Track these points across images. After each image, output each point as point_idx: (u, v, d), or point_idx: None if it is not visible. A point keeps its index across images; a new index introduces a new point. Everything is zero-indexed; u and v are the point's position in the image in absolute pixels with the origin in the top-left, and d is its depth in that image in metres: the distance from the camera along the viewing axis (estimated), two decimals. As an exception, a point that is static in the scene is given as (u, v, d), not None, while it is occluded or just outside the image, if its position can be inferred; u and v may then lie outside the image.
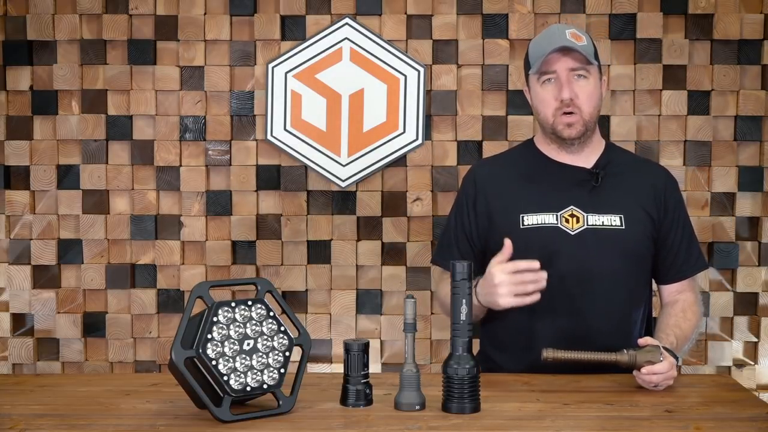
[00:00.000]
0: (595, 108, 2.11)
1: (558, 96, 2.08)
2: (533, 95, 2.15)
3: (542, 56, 2.07)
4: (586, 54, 2.06)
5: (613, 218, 2.09)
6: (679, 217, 2.16)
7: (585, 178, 2.13)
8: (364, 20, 2.96)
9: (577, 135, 2.10)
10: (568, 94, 2.06)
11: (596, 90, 2.11)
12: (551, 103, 2.09)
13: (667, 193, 2.15)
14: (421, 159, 2.98)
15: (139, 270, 3.02)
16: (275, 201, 3.00)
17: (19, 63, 2.99)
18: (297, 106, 2.97)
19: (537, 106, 2.15)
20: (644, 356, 1.85)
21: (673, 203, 2.15)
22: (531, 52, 2.13)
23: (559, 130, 2.11)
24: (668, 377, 1.86)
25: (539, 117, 2.15)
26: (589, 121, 2.10)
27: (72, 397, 1.89)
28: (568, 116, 2.08)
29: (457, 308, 1.73)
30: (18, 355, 3.00)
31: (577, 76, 2.07)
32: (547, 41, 2.09)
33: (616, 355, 1.87)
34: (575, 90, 2.07)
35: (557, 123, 2.10)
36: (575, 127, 2.09)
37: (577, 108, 2.08)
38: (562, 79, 2.07)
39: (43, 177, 3.00)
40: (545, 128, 2.15)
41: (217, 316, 1.69)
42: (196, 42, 2.97)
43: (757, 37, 2.92)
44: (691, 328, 2.11)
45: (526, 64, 2.17)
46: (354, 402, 1.77)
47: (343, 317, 3.01)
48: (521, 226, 2.10)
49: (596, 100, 2.11)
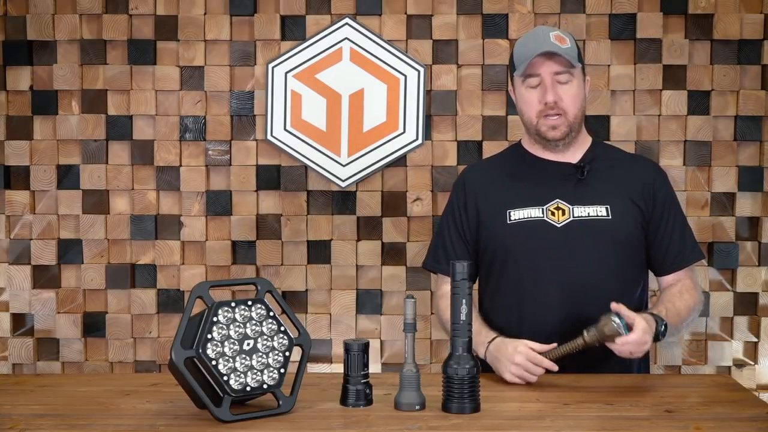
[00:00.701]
0: (580, 110, 2.14)
1: (542, 99, 2.10)
2: (518, 96, 2.17)
3: (526, 60, 2.08)
4: (569, 58, 2.08)
5: (599, 209, 2.11)
6: (669, 209, 2.16)
7: (571, 172, 2.15)
8: (364, 20, 2.96)
9: (562, 136, 2.13)
10: (552, 97, 2.09)
11: (580, 91, 2.13)
12: (535, 105, 2.12)
13: (656, 185, 2.16)
14: (421, 159, 2.98)
15: (139, 270, 3.02)
16: (275, 201, 3.00)
17: (19, 63, 2.99)
18: (297, 106, 2.97)
19: (521, 108, 2.17)
20: (603, 330, 1.87)
21: (662, 195, 2.16)
22: (516, 54, 2.15)
23: (543, 131, 2.13)
24: (640, 343, 1.88)
25: (523, 118, 2.17)
26: (574, 122, 2.13)
27: (72, 397, 1.90)
28: (553, 119, 2.10)
29: (457, 308, 1.73)
30: (18, 355, 3.00)
31: (561, 79, 2.09)
32: (531, 44, 2.10)
33: (581, 340, 1.90)
34: (559, 93, 2.09)
35: (541, 125, 2.12)
36: (560, 129, 2.12)
37: (562, 110, 2.10)
38: (547, 83, 2.09)
39: (43, 177, 3.00)
40: (529, 129, 2.17)
41: (217, 316, 1.69)
42: (196, 42, 2.97)
43: (757, 37, 2.92)
44: (686, 308, 2.10)
45: (511, 65, 2.18)
46: (354, 402, 1.77)
47: (343, 317, 3.01)
48: (508, 222, 2.13)
49: (580, 102, 2.14)
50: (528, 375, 1.93)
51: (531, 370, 1.93)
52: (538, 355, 1.93)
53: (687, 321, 2.11)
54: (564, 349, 1.92)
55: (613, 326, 1.86)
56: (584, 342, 1.90)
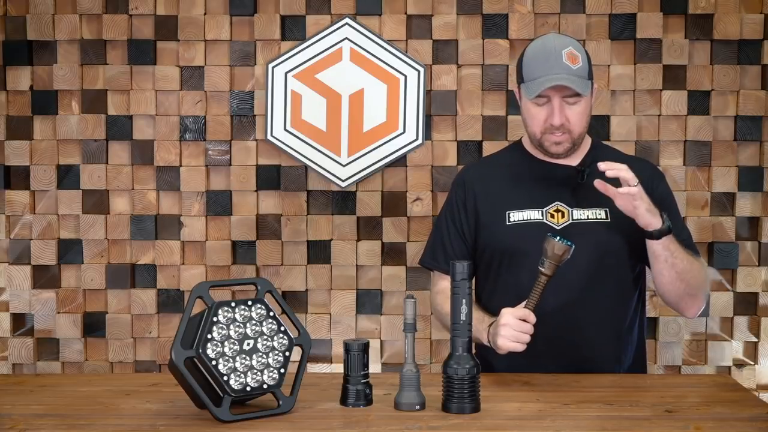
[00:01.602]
0: (585, 127, 2.14)
1: (549, 119, 2.09)
2: (523, 107, 2.16)
3: (536, 85, 2.05)
4: (580, 86, 2.05)
5: (598, 212, 2.11)
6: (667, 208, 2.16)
7: (571, 175, 2.15)
8: (364, 20, 2.96)
9: (565, 152, 2.14)
10: (558, 120, 2.08)
11: (587, 107, 2.12)
12: (541, 122, 2.11)
13: (653, 184, 2.16)
14: (421, 159, 2.98)
15: (139, 270, 3.02)
16: (275, 201, 3.00)
17: (19, 63, 2.99)
18: (297, 106, 2.97)
19: (526, 120, 2.16)
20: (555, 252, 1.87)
21: (659, 194, 2.15)
22: (526, 70, 2.11)
23: (546, 146, 2.13)
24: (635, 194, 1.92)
25: (527, 129, 2.17)
26: (578, 138, 2.13)
27: (72, 397, 1.90)
28: (558, 136, 2.10)
29: (457, 308, 1.73)
30: (18, 355, 3.00)
31: (569, 101, 2.08)
32: (543, 65, 2.06)
33: (543, 276, 1.89)
34: (567, 114, 2.08)
35: (545, 140, 2.12)
36: (563, 145, 2.12)
37: (567, 130, 2.10)
38: (555, 106, 2.08)
39: (43, 177, 3.00)
40: (532, 140, 2.18)
41: (217, 316, 1.69)
42: (196, 42, 2.97)
43: (757, 37, 2.92)
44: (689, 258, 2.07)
45: (519, 73, 2.15)
46: (354, 402, 1.77)
47: (343, 317, 3.01)
48: (507, 223, 2.13)
49: (587, 119, 2.13)
50: (519, 334, 1.90)
51: (520, 328, 1.90)
52: (520, 309, 1.91)
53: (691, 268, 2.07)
54: (535, 293, 1.91)
55: (560, 244, 1.87)
56: (547, 275, 1.89)
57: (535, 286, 1.91)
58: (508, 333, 1.91)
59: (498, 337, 1.93)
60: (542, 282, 1.90)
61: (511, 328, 1.91)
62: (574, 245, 1.88)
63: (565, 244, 1.87)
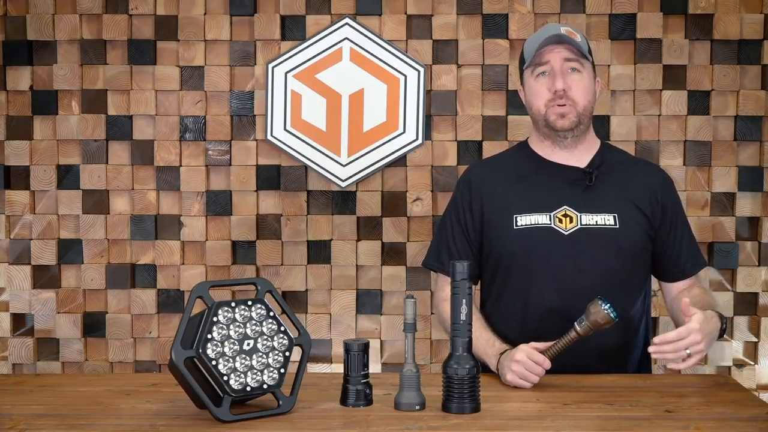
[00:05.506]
0: (590, 103, 2.11)
1: (551, 87, 2.08)
2: (527, 90, 2.16)
3: (536, 48, 2.07)
4: (579, 47, 2.07)
5: (607, 217, 2.09)
6: (678, 218, 2.16)
7: (578, 177, 2.13)
8: (364, 20, 2.96)
9: (570, 126, 2.09)
10: (561, 84, 2.06)
11: (590, 85, 2.11)
12: (544, 94, 2.09)
13: (664, 193, 2.15)
14: (421, 159, 2.98)
15: (139, 270, 3.02)
16: (275, 201, 3.00)
17: (19, 63, 2.99)
18: (297, 106, 2.97)
19: (530, 101, 2.15)
20: (597, 319, 1.85)
21: (671, 204, 2.15)
22: (526, 49, 2.15)
23: (552, 120, 2.10)
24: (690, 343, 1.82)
25: (532, 111, 2.15)
26: (583, 114, 2.10)
27: (72, 397, 1.90)
28: (561, 107, 2.08)
29: (457, 308, 1.73)
30: (18, 355, 3.00)
31: (571, 69, 2.08)
32: (541, 35, 2.10)
33: (574, 332, 1.87)
34: (569, 82, 2.07)
35: (549, 113, 2.10)
36: (568, 117, 2.08)
37: (571, 100, 2.08)
38: (556, 70, 2.07)
39: (43, 177, 3.00)
40: (538, 122, 2.15)
41: (217, 316, 1.69)
42: (196, 42, 2.97)
43: (757, 37, 2.92)
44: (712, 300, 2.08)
45: (521, 61, 2.17)
46: (354, 402, 1.77)
47: (343, 317, 3.01)
48: (515, 227, 2.10)
49: (591, 96, 2.12)
50: (529, 374, 1.90)
51: (532, 369, 1.89)
52: (539, 354, 1.90)
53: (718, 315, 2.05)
54: (560, 345, 1.90)
55: (605, 314, 1.85)
56: (578, 335, 1.88)
57: (562, 339, 1.89)
58: (519, 371, 1.91)
59: (508, 370, 1.93)
60: (571, 338, 1.89)
61: (523, 367, 1.90)
62: (618, 319, 1.86)
63: (609, 316, 1.85)
